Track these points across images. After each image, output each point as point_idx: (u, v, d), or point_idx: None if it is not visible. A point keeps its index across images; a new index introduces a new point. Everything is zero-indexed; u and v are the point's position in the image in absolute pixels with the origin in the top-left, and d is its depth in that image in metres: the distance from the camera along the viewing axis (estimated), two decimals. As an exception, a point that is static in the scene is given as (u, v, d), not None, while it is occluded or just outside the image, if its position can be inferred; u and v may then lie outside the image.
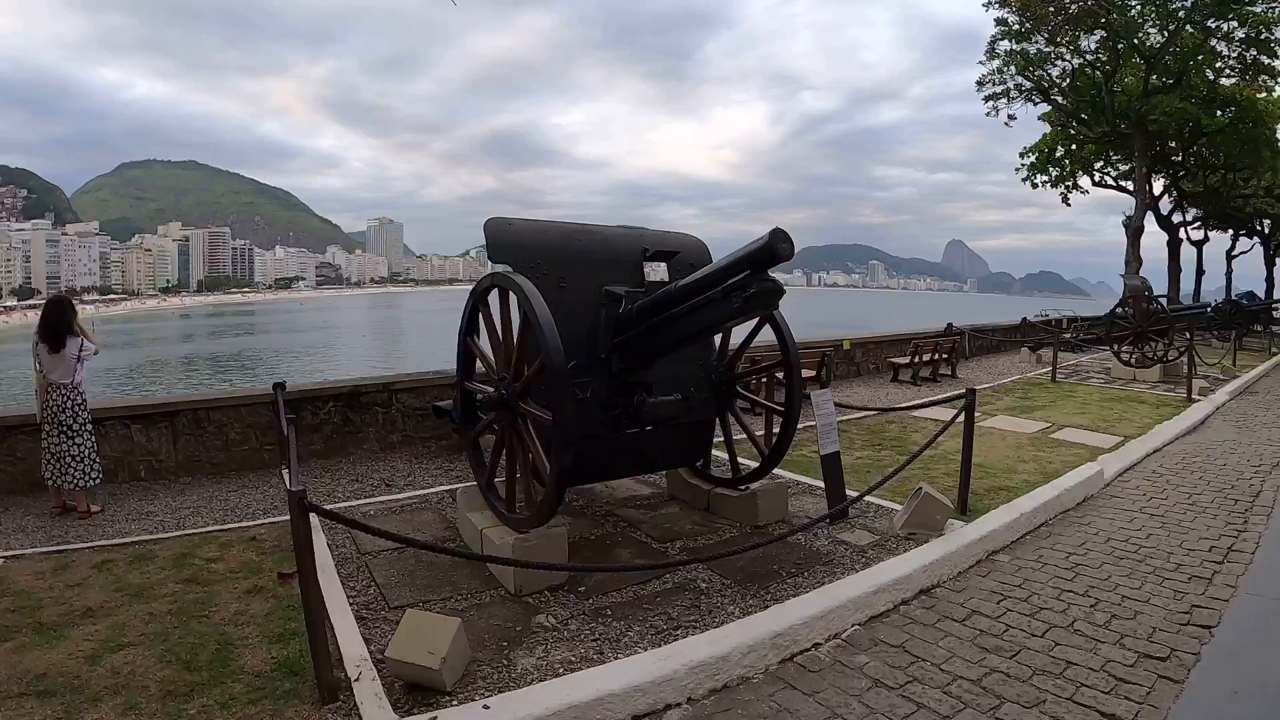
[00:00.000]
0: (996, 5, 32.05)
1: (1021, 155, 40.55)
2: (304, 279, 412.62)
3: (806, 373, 14.43)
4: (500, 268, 6.51)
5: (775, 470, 7.82)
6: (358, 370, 47.16)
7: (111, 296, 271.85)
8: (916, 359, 16.87)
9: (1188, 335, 21.08)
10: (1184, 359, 17.92)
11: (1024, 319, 27.01)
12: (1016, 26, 32.61)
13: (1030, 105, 35.95)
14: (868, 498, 7.44)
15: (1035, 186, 40.40)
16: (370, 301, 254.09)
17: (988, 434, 11.91)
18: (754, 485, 7.51)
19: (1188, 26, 29.86)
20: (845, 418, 12.81)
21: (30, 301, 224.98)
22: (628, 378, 6.62)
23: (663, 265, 7.21)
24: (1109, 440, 11.72)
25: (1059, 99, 34.80)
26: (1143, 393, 16.72)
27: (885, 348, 18.85)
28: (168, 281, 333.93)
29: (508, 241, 6.71)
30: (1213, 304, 29.80)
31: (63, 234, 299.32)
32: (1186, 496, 8.93)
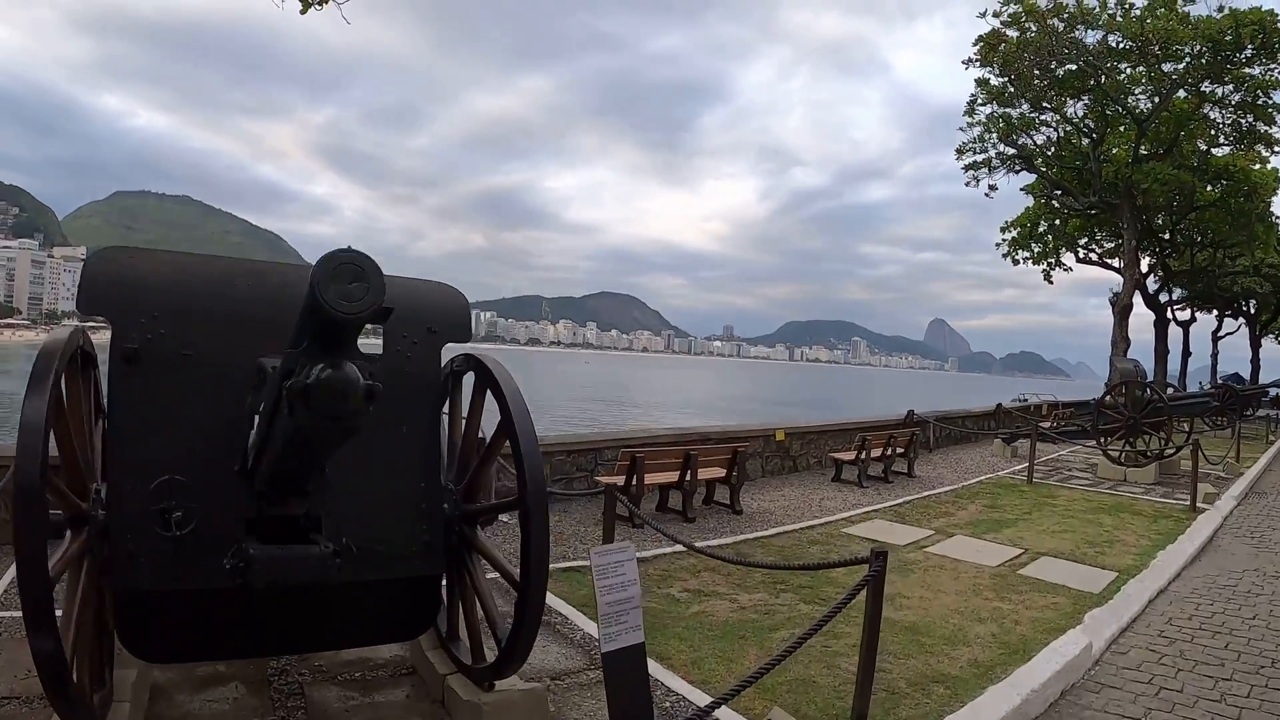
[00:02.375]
0: (978, 64, 29.87)
1: (1003, 230, 38.33)
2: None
3: (712, 473, 11.56)
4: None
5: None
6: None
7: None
8: (863, 454, 13.96)
9: (1186, 427, 18.39)
10: (1182, 455, 15.24)
11: (998, 405, 24.12)
12: (998, 87, 30.45)
13: (1012, 175, 33.72)
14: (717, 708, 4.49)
15: (1016, 263, 38.19)
16: None
17: (937, 567, 8.98)
18: (499, 686, 4.56)
19: (1180, 91, 27.85)
20: (754, 535, 10.04)
21: (9, 321, 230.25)
22: (270, 507, 3.92)
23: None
24: (1099, 578, 8.79)
25: (1043, 168, 32.59)
26: (1136, 498, 13.88)
27: (828, 439, 15.96)
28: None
29: (110, 282, 4.22)
30: (1202, 386, 27.54)
31: (49, 256, 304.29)
32: (1210, 685, 6.00)
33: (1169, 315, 40.59)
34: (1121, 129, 30.59)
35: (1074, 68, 28.03)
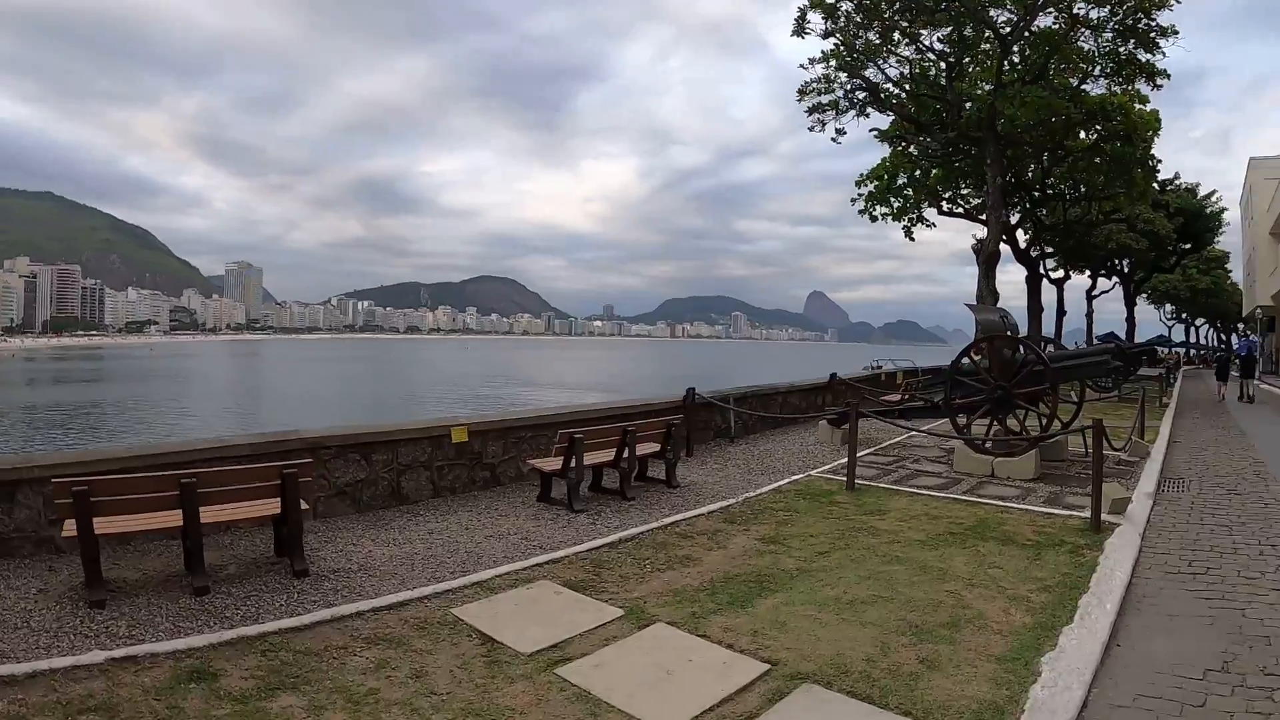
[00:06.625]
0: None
1: (858, 184, 33.72)
2: (156, 323, 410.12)
3: (244, 512, 6.36)
4: None
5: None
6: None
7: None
8: (572, 462, 8.65)
9: (1074, 396, 13.80)
10: (1068, 435, 10.66)
11: (833, 376, 19.01)
12: (834, 7, 25.49)
13: (862, 119, 28.91)
14: None
15: (874, 219, 33.68)
16: (229, 349, 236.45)
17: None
18: None
19: (1050, 10, 23.54)
20: (279, 624, 5.04)
21: None
22: None
23: None
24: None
25: (895, 103, 27.98)
26: (1009, 509, 8.97)
27: (546, 436, 10.36)
28: (11, 320, 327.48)
29: None
30: (1078, 345, 23.80)
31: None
32: None
33: (1041, 271, 37.04)
34: (983, 52, 26.33)
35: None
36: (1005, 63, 24.85)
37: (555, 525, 8.11)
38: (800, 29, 25.63)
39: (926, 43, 26.53)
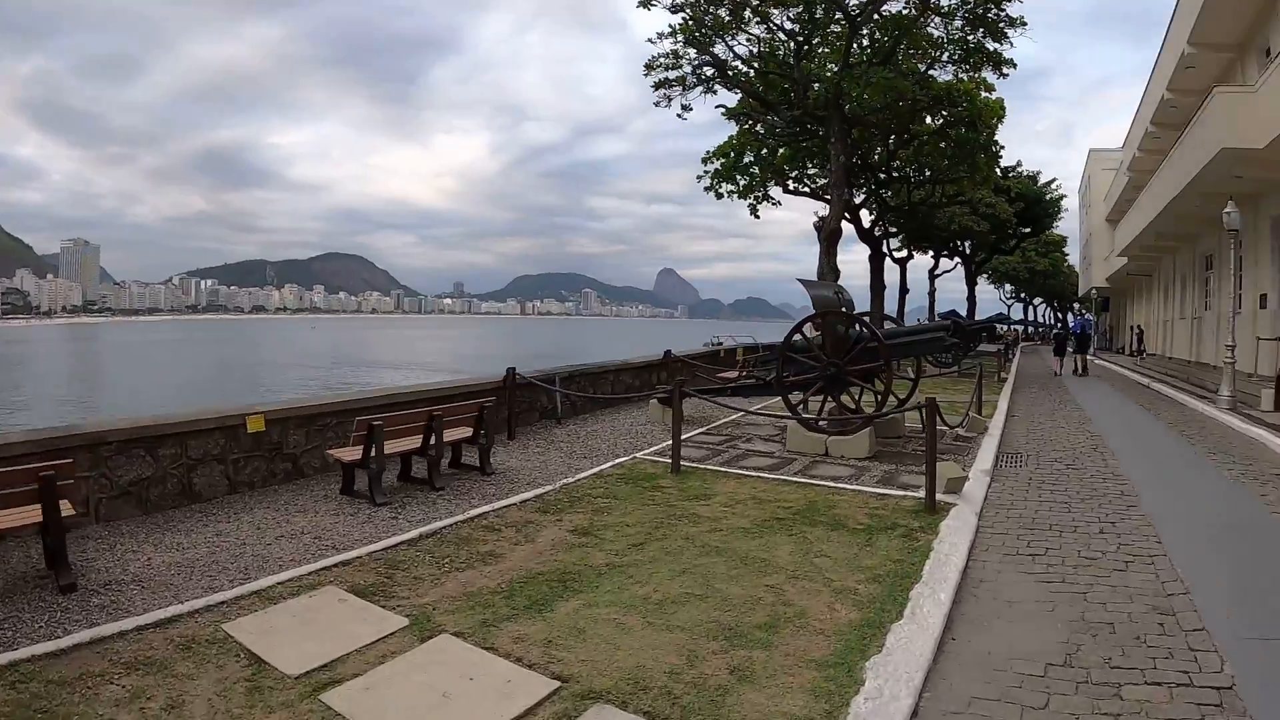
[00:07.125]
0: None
1: (704, 161, 33.35)
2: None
3: (12, 518, 5.43)
4: None
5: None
6: None
7: None
8: (373, 451, 7.72)
9: (910, 373, 13.57)
10: (904, 413, 10.38)
11: (668, 353, 18.39)
12: None
13: (709, 95, 28.49)
14: None
15: (720, 196, 33.39)
16: (67, 334, 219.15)
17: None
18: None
19: (901, -4, 23.69)
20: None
21: None
22: None
23: None
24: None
25: (743, 80, 27.68)
26: (840, 490, 8.51)
27: (342, 423, 9.40)
28: None
29: None
30: (920, 322, 24.07)
31: None
32: None
33: (885, 250, 37.63)
34: (833, 33, 26.26)
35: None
36: (854, 44, 24.78)
37: (354, 521, 7.23)
38: (646, 0, 24.92)
39: (777, 21, 26.23)
